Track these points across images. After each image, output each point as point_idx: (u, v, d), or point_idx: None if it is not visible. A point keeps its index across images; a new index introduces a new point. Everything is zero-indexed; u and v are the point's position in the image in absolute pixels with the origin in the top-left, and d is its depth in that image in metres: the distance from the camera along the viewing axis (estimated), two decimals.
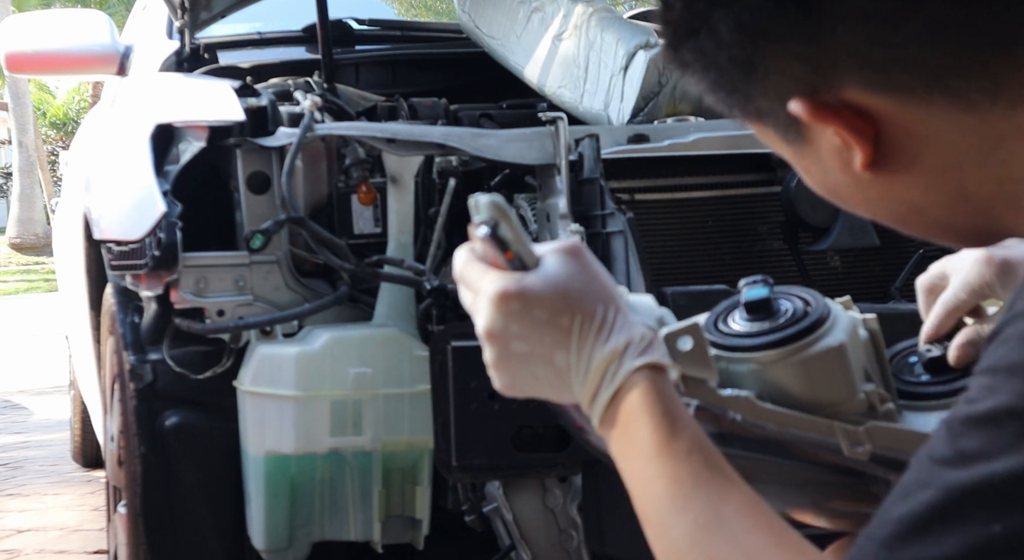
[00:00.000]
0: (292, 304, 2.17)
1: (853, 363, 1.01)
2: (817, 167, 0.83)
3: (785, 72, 0.78)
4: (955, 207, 0.80)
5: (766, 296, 1.03)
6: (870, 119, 0.77)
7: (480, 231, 0.93)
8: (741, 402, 0.99)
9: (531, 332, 0.90)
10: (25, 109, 20.47)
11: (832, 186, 0.84)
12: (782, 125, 0.81)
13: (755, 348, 1.01)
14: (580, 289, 0.90)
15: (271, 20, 3.61)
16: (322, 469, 2.12)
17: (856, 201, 0.84)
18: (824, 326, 1.01)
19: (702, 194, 2.23)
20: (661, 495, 0.83)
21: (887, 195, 0.81)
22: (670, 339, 0.98)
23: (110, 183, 2.37)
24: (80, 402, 4.37)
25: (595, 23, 2.70)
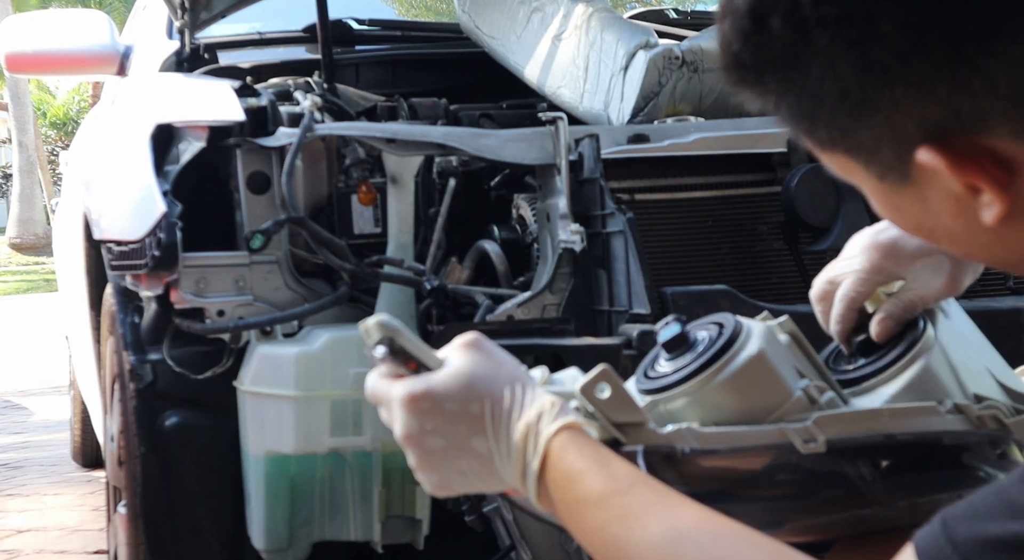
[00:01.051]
0: (292, 304, 2.17)
1: (779, 366, 1.03)
2: (917, 208, 0.76)
3: (914, 116, 0.71)
4: None
5: (679, 332, 1.06)
6: (1009, 168, 0.70)
7: (377, 352, 0.97)
8: (684, 433, 1.01)
9: (446, 426, 0.91)
10: (25, 109, 20.47)
11: (931, 227, 0.77)
12: (884, 165, 0.74)
13: (682, 380, 1.04)
14: (485, 376, 0.93)
15: (271, 20, 3.60)
16: (322, 469, 2.12)
17: (958, 244, 0.78)
18: (739, 341, 1.03)
19: (702, 194, 2.23)
20: (618, 535, 0.83)
21: (1003, 243, 0.75)
22: (587, 390, 1.00)
23: (110, 183, 2.37)
24: (80, 402, 4.37)
25: (595, 23, 2.70)
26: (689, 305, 1.92)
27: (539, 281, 2.10)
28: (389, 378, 0.97)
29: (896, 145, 0.72)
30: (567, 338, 1.90)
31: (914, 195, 0.75)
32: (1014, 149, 0.69)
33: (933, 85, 0.69)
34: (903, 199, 0.76)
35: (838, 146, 0.76)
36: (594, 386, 1.00)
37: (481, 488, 0.95)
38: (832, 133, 0.75)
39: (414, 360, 0.97)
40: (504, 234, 2.27)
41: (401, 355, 0.97)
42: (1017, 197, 0.71)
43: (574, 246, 2.05)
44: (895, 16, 0.68)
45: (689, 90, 2.51)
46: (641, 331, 1.89)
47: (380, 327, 0.97)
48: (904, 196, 0.76)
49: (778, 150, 2.21)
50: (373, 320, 0.97)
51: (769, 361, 1.02)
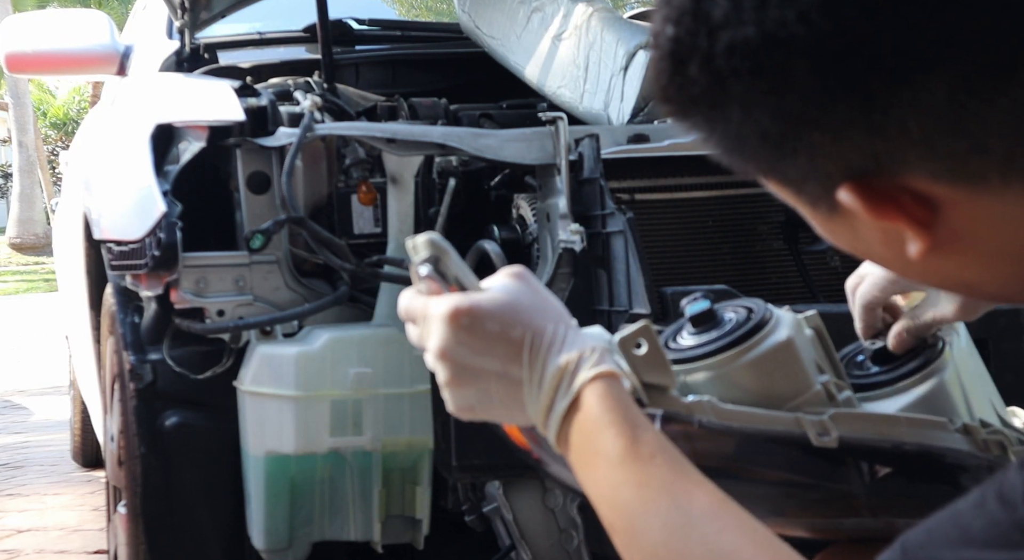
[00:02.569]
0: (292, 304, 2.17)
1: (804, 357, 1.04)
2: (849, 236, 0.77)
3: (833, 159, 0.71)
4: (1011, 283, 0.75)
5: (708, 307, 1.06)
6: (930, 206, 0.71)
7: (422, 269, 0.94)
8: (705, 406, 1.01)
9: (483, 346, 0.90)
10: (25, 109, 20.47)
11: (865, 252, 0.79)
12: (812, 196, 0.76)
13: (707, 355, 1.03)
14: (530, 306, 0.91)
15: (271, 20, 3.61)
16: (322, 469, 2.12)
17: (894, 269, 0.79)
18: (768, 325, 1.04)
19: (702, 194, 2.23)
20: (628, 501, 0.82)
21: (935, 271, 0.76)
22: (624, 344, 0.99)
23: (110, 183, 2.37)
24: (80, 402, 4.37)
25: (595, 23, 2.70)
26: None
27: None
28: (428, 295, 0.94)
29: (820, 182, 0.74)
30: None
31: (844, 225, 0.76)
32: (934, 189, 0.70)
33: (848, 131, 0.70)
34: (835, 226, 0.78)
35: (768, 178, 0.78)
36: (632, 341, 0.99)
37: (503, 417, 0.93)
38: (760, 167, 0.77)
39: (457, 283, 0.94)
40: (504, 234, 2.27)
41: (445, 276, 0.94)
42: (940, 232, 0.71)
43: (574, 246, 2.05)
44: (806, 68, 0.68)
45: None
46: None
47: (429, 245, 0.94)
48: (836, 224, 0.77)
49: None
50: (423, 237, 0.94)
51: (795, 350, 1.03)
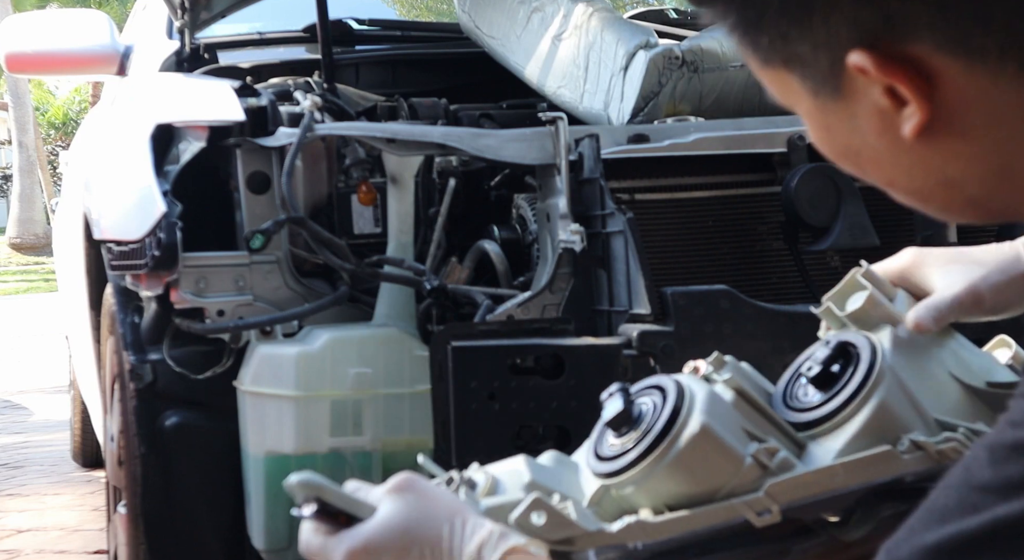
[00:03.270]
0: (292, 304, 2.17)
1: (725, 435, 1.00)
2: (845, 126, 0.77)
3: (849, 19, 0.72)
4: (992, 184, 0.75)
5: (620, 410, 1.02)
6: (931, 80, 0.72)
7: (305, 511, 0.97)
8: (634, 529, 1.00)
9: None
10: (25, 109, 20.46)
11: (856, 148, 0.79)
12: (819, 76, 0.76)
13: (627, 467, 1.01)
14: (419, 518, 0.93)
15: (271, 20, 3.60)
16: (322, 469, 2.12)
17: (882, 167, 0.79)
18: (681, 416, 1.00)
19: (702, 194, 2.23)
20: None
21: (922, 164, 0.76)
22: (522, 522, 0.99)
23: (110, 183, 2.37)
24: (80, 402, 4.37)
25: (595, 23, 2.70)
26: (689, 305, 1.92)
27: (539, 281, 2.10)
28: (324, 534, 0.97)
29: (831, 52, 0.74)
30: (567, 338, 1.90)
31: (844, 112, 0.76)
32: (936, 60, 0.71)
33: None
34: (834, 117, 0.78)
35: (774, 59, 0.77)
36: (528, 516, 1.00)
37: None
38: (774, 42, 0.76)
39: (344, 514, 0.97)
40: (504, 234, 2.27)
41: (330, 512, 0.97)
42: (936, 110, 0.72)
43: (574, 246, 2.05)
44: None
45: (689, 90, 2.51)
46: (641, 331, 1.89)
47: (304, 487, 0.98)
48: (835, 113, 0.77)
49: (778, 150, 2.21)
50: (295, 479, 0.97)
51: (714, 434, 0.99)
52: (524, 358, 1.86)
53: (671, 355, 1.85)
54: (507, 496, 1.03)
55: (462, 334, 1.87)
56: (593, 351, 1.88)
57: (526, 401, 1.85)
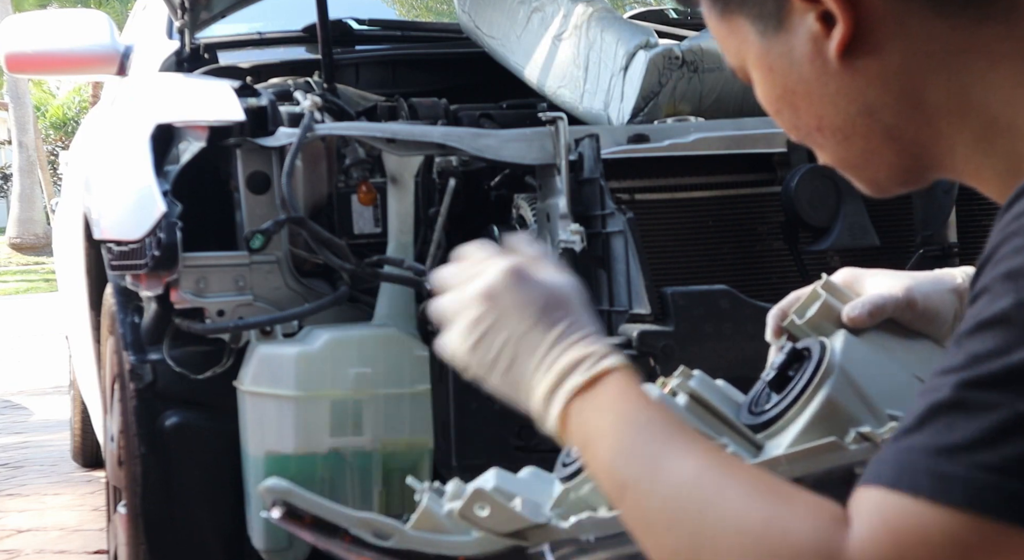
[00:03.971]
0: (292, 304, 2.17)
1: None
2: (783, 62, 0.86)
3: None
4: (905, 113, 0.83)
5: None
6: (854, 3, 0.81)
7: (275, 513, 1.02)
8: (584, 524, 1.03)
9: (525, 302, 0.91)
10: (25, 109, 20.46)
11: (792, 84, 0.87)
12: (765, 14, 0.86)
13: (581, 469, 1.04)
14: (578, 302, 0.93)
15: (271, 20, 3.60)
16: (322, 469, 2.12)
17: (812, 98, 0.86)
18: None
19: (702, 194, 2.23)
20: (627, 468, 0.82)
21: (845, 90, 0.84)
22: (466, 513, 1.03)
23: (110, 183, 2.37)
24: (80, 402, 4.37)
25: (595, 23, 2.70)
26: (689, 305, 1.92)
27: None
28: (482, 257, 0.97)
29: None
30: None
31: (784, 46, 0.86)
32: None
33: None
34: (775, 54, 0.87)
35: (734, 1, 0.88)
36: (471, 507, 1.02)
37: (494, 377, 0.94)
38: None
39: (309, 515, 1.03)
40: (504, 234, 2.27)
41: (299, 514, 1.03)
42: (857, 27, 0.81)
43: (574, 246, 2.05)
44: None
45: (689, 90, 2.51)
46: (641, 331, 1.89)
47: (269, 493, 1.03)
48: (776, 50, 0.86)
49: (778, 150, 2.21)
50: (264, 485, 1.03)
51: None
52: None
53: (671, 355, 1.85)
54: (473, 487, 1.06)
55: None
56: None
57: None
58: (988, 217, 2.34)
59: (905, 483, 0.68)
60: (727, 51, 0.92)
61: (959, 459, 0.67)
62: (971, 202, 2.28)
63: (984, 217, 2.34)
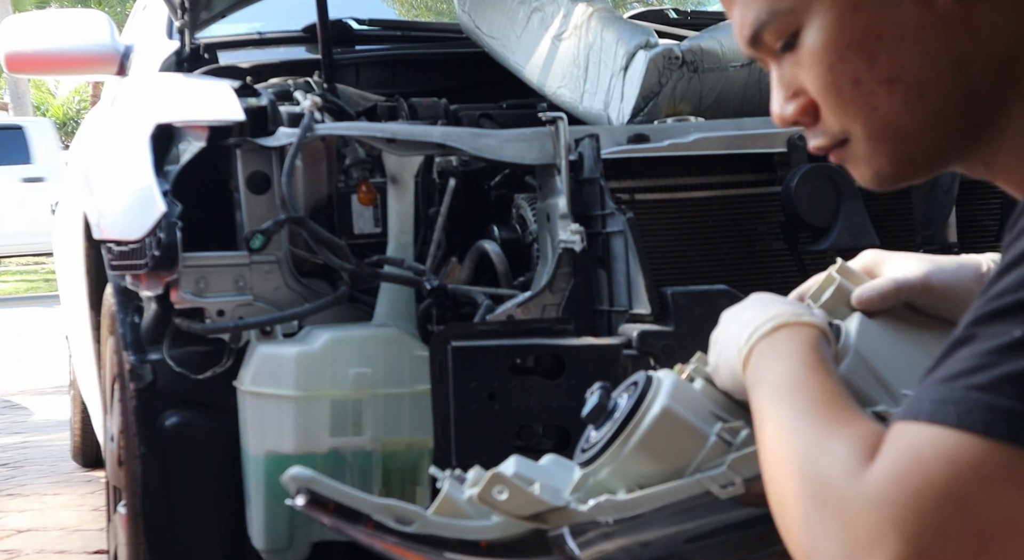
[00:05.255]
0: (292, 304, 2.17)
1: (690, 416, 1.04)
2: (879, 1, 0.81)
3: None
4: (992, 73, 0.80)
5: (597, 403, 1.07)
6: None
7: (299, 501, 1.07)
8: (603, 506, 1.03)
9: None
10: (25, 109, 20.46)
11: (881, 27, 0.81)
12: None
13: (600, 452, 1.05)
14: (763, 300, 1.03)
15: (271, 20, 3.60)
16: (322, 469, 2.11)
17: (902, 44, 0.81)
18: (645, 401, 1.04)
19: (702, 194, 2.23)
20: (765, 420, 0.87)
21: (945, 39, 0.80)
22: (484, 496, 1.05)
23: (110, 183, 2.37)
24: (80, 402, 4.37)
25: (595, 23, 2.70)
26: (689, 305, 1.92)
27: (539, 281, 2.10)
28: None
29: None
30: (567, 338, 1.90)
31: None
32: None
33: None
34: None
35: None
36: (490, 491, 1.04)
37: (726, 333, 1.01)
38: None
39: (332, 502, 1.06)
40: (504, 234, 2.27)
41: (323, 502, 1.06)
42: None
43: (574, 246, 2.05)
44: None
45: (689, 90, 2.51)
46: (641, 331, 1.89)
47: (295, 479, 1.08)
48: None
49: (778, 150, 2.21)
50: (288, 473, 1.08)
51: (676, 415, 1.03)
52: (524, 358, 1.86)
53: (671, 355, 1.85)
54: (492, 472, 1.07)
55: (462, 334, 1.87)
56: (593, 351, 1.88)
57: (526, 401, 1.85)
58: (988, 217, 2.34)
59: (911, 412, 0.71)
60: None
61: (957, 383, 0.70)
62: (971, 202, 2.29)
63: (984, 217, 2.34)
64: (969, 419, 0.68)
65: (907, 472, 0.69)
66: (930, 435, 0.69)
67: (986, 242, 2.27)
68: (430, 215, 2.28)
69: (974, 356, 0.70)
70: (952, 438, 0.68)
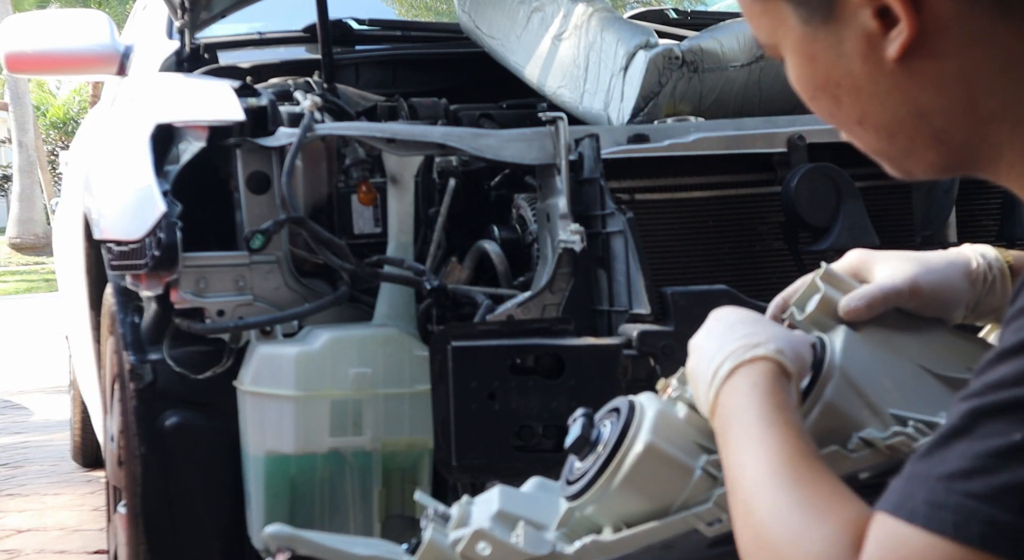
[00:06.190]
0: (292, 304, 2.17)
1: (674, 450, 1.02)
2: (831, 54, 0.83)
3: None
4: (957, 118, 0.80)
5: (580, 435, 1.06)
6: (917, 3, 0.78)
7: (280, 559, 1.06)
8: (589, 549, 1.03)
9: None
10: (25, 109, 20.44)
11: (836, 79, 0.83)
12: (811, 2, 0.82)
13: (584, 489, 1.04)
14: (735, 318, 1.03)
15: (271, 20, 3.60)
16: (322, 469, 2.12)
17: (859, 97, 0.83)
18: (628, 436, 1.03)
19: (702, 194, 2.23)
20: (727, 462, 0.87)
21: (897, 90, 0.81)
22: (468, 553, 1.05)
23: (110, 183, 2.37)
24: (80, 402, 4.37)
25: (595, 23, 2.70)
26: (689, 305, 1.92)
27: (539, 281, 2.10)
28: None
29: None
30: (567, 338, 1.90)
31: (832, 38, 0.82)
32: None
33: None
34: (821, 45, 0.83)
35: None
36: (473, 548, 1.04)
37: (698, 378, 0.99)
38: None
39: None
40: (504, 234, 2.27)
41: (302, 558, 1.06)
42: (925, 36, 0.78)
43: (574, 246, 2.05)
44: None
45: (689, 90, 2.51)
46: (641, 331, 1.89)
47: (275, 538, 1.07)
48: (823, 40, 0.82)
49: (778, 150, 2.21)
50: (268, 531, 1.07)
51: (660, 451, 1.02)
52: (524, 358, 1.86)
53: (671, 355, 1.85)
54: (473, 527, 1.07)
55: (462, 334, 1.87)
56: (593, 351, 1.88)
57: (526, 401, 1.85)
58: (988, 217, 2.34)
59: (904, 510, 0.69)
60: (758, 28, 0.88)
61: (954, 487, 0.67)
62: (971, 202, 2.29)
63: (984, 217, 2.34)
64: (966, 531, 0.66)
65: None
66: (923, 543, 0.67)
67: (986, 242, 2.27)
68: (430, 215, 2.28)
69: (973, 456, 0.67)
70: (947, 550, 0.66)
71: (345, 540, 1.10)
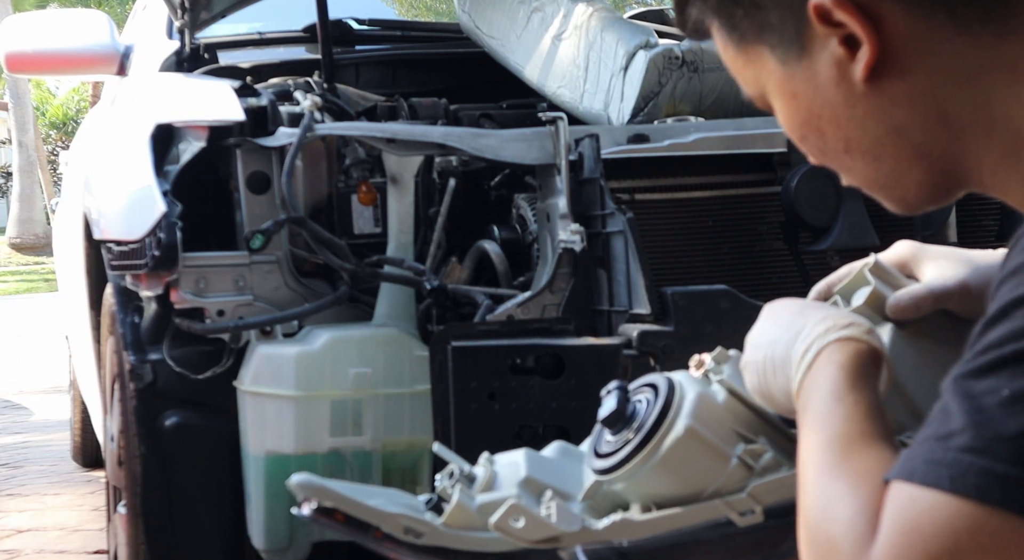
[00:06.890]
0: (292, 304, 2.17)
1: (713, 436, 1.01)
2: (807, 87, 0.86)
3: None
4: (933, 131, 0.83)
5: (615, 408, 1.04)
6: (877, 22, 0.81)
7: (305, 510, 1.04)
8: (618, 527, 1.03)
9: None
10: (25, 109, 20.44)
11: (818, 109, 0.87)
12: (785, 41, 0.85)
13: (618, 465, 1.03)
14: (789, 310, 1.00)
15: (271, 20, 3.60)
16: (322, 469, 2.12)
17: (839, 122, 0.86)
18: (668, 417, 1.01)
19: (702, 194, 2.23)
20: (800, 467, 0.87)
21: (872, 111, 0.84)
22: (501, 525, 1.04)
23: (110, 183, 2.37)
24: (80, 402, 4.37)
25: (595, 23, 2.70)
26: (689, 305, 1.92)
27: (539, 281, 2.10)
28: None
29: (795, 14, 0.84)
30: (567, 338, 1.90)
31: (807, 71, 0.86)
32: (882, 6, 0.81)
33: None
34: (799, 80, 0.87)
35: (752, 28, 0.87)
36: (507, 520, 1.04)
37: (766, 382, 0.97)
38: (749, 12, 0.87)
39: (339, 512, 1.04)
40: (504, 234, 2.27)
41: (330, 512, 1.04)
42: (882, 50, 0.82)
43: (574, 246, 2.05)
44: None
45: (689, 90, 2.51)
46: (641, 331, 1.89)
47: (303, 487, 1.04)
48: (800, 75, 0.86)
49: (778, 150, 2.21)
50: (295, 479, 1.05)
51: (700, 436, 1.01)
52: (524, 358, 1.86)
53: (671, 355, 1.85)
54: (501, 492, 1.06)
55: (462, 334, 1.87)
56: (593, 351, 1.88)
57: (526, 401, 1.85)
58: (988, 217, 2.34)
59: (905, 472, 0.72)
60: (745, 82, 0.92)
61: (949, 443, 0.70)
62: (971, 202, 2.28)
63: (984, 217, 2.34)
64: (962, 483, 0.69)
65: (908, 546, 0.70)
66: (926, 501, 0.70)
67: (986, 242, 2.27)
68: (430, 215, 2.28)
69: (966, 413, 0.70)
70: (947, 504, 0.69)
71: (368, 491, 1.09)
